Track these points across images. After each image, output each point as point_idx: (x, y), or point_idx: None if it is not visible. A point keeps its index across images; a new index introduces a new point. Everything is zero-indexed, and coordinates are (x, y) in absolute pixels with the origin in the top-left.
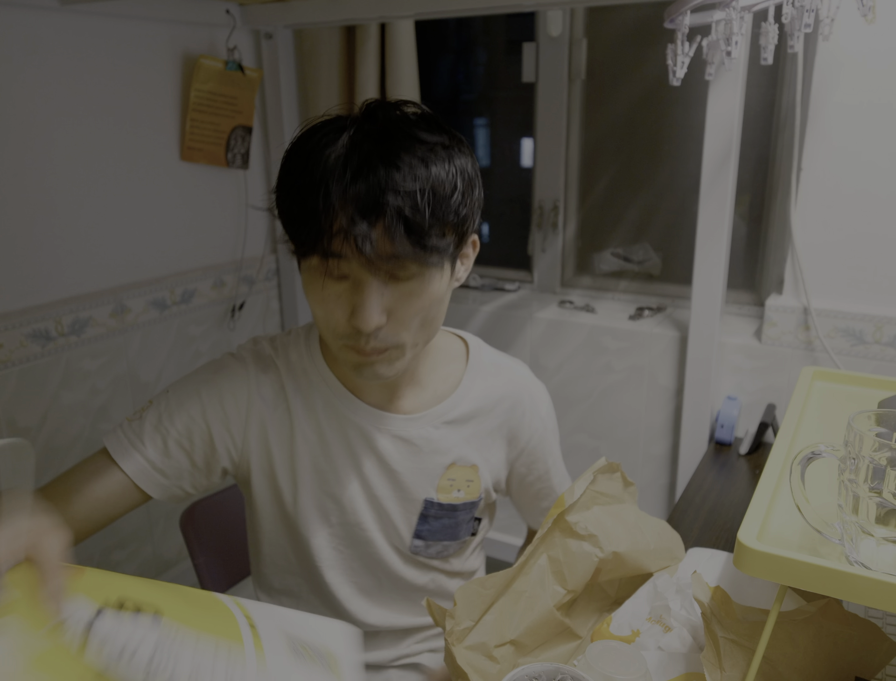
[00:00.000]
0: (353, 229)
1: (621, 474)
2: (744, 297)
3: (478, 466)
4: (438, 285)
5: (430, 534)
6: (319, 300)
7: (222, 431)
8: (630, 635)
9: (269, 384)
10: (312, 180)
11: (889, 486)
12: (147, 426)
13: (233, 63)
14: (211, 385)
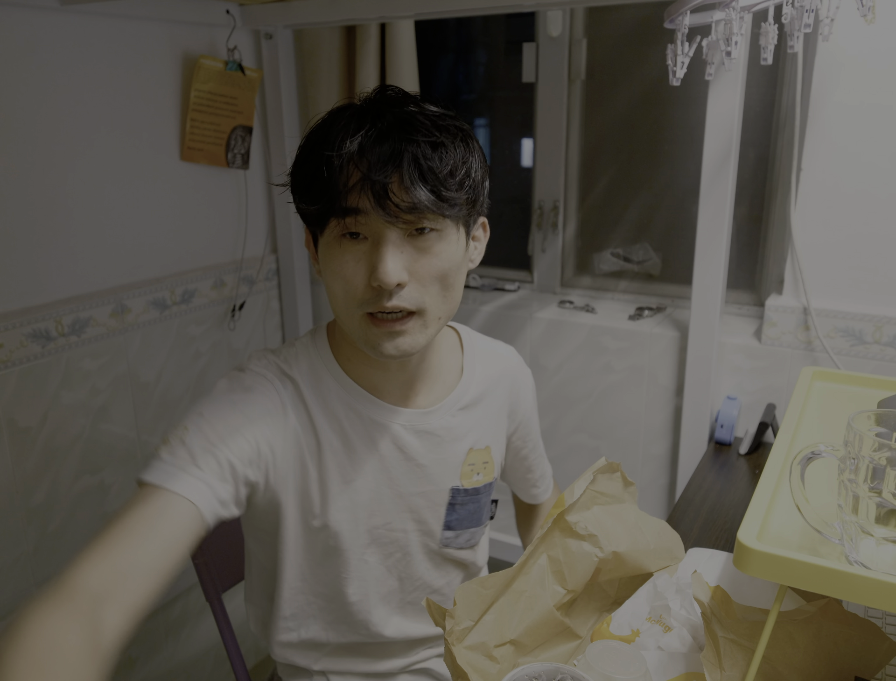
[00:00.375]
0: (371, 177)
1: (621, 474)
2: (744, 297)
3: (490, 447)
4: (455, 248)
5: (458, 522)
6: (339, 266)
7: (267, 450)
8: (630, 634)
9: (293, 399)
10: (327, 142)
11: (889, 486)
12: (197, 450)
13: (233, 63)
14: (250, 403)
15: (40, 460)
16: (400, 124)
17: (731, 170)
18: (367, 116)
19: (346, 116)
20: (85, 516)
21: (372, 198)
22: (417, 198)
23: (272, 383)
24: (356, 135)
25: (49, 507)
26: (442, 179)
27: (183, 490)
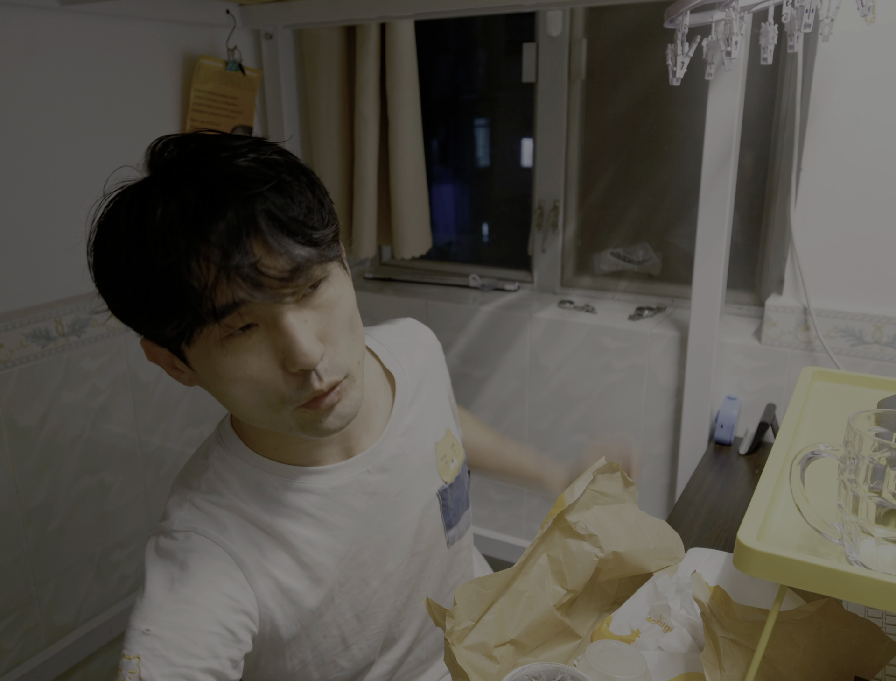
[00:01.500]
0: (231, 263)
1: (621, 474)
2: (744, 297)
3: (449, 428)
4: (347, 287)
5: (455, 516)
6: (238, 371)
7: (239, 623)
8: (630, 634)
9: (237, 530)
10: (151, 248)
11: (889, 486)
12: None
13: (233, 63)
14: (192, 579)
15: (40, 460)
16: (226, 184)
17: (731, 170)
18: (178, 193)
19: (153, 205)
20: (85, 516)
21: (245, 284)
22: (296, 258)
23: (206, 536)
24: (182, 223)
25: (49, 507)
26: (309, 223)
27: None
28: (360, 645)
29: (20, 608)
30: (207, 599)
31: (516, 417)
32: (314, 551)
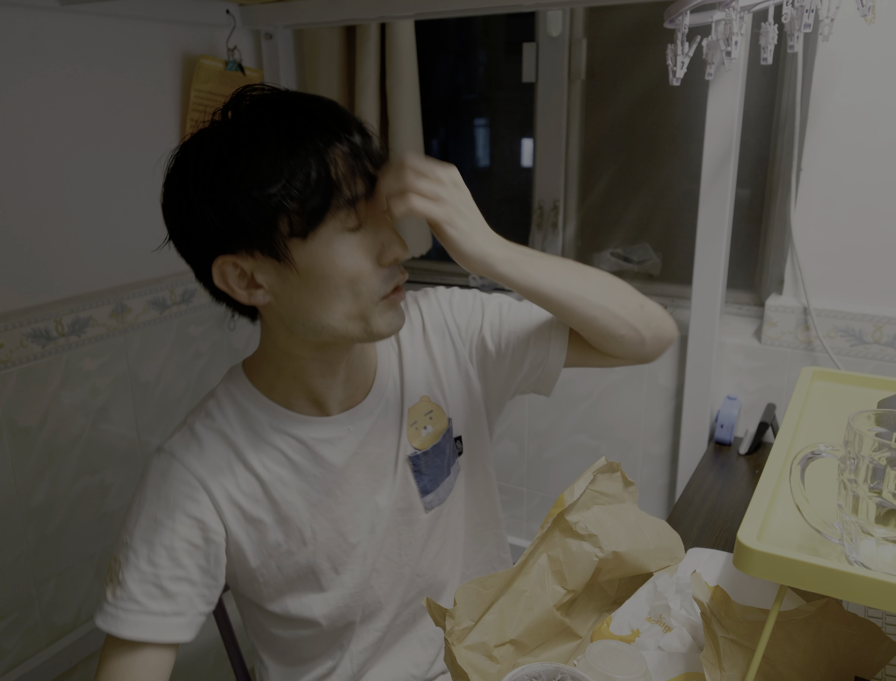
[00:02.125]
0: (361, 162)
1: (621, 474)
2: (744, 297)
3: (426, 395)
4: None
5: (432, 482)
6: (349, 260)
7: (202, 537)
8: (630, 634)
9: (218, 458)
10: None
11: (889, 486)
12: (133, 586)
13: (233, 63)
14: (162, 501)
15: (40, 460)
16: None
17: (731, 170)
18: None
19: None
20: (85, 516)
21: (366, 183)
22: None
23: (180, 461)
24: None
25: (49, 507)
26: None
27: (139, 635)
28: (336, 594)
29: (20, 608)
30: (172, 519)
31: (516, 416)
32: (285, 490)
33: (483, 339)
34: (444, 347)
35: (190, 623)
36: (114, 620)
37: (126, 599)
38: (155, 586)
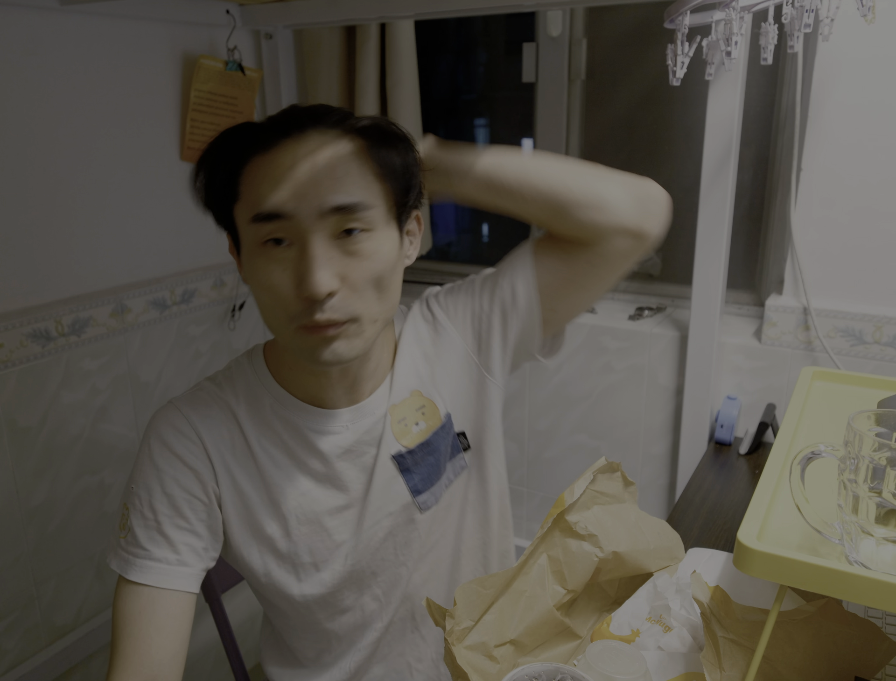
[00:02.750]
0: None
1: (621, 474)
2: (744, 297)
3: (418, 390)
4: (389, 248)
5: (424, 481)
6: (264, 278)
7: (201, 489)
8: (630, 634)
9: (219, 423)
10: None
11: (889, 486)
12: (139, 532)
13: (233, 63)
14: (165, 449)
15: (40, 460)
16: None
17: (731, 170)
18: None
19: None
20: (85, 516)
21: (290, 200)
22: (333, 201)
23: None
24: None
25: (49, 507)
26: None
27: (158, 581)
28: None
29: (20, 608)
30: (173, 467)
31: (516, 416)
32: (277, 472)
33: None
34: (440, 337)
35: (194, 575)
36: (125, 563)
37: (134, 544)
38: (158, 533)
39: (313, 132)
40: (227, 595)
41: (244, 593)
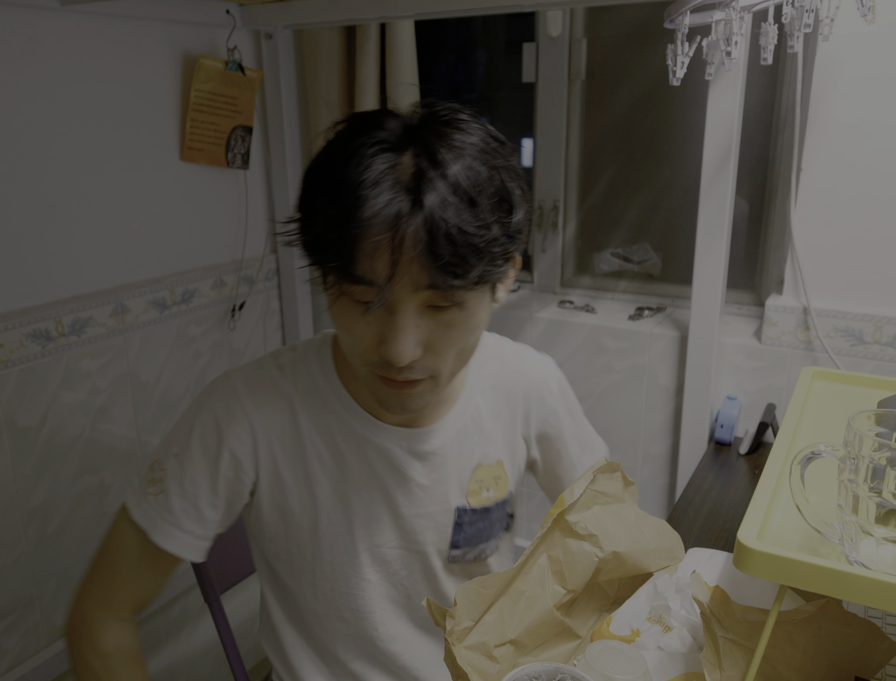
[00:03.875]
0: (381, 256)
1: (621, 474)
2: (744, 297)
3: (502, 461)
4: (480, 316)
5: (466, 541)
6: (347, 324)
7: (236, 476)
8: (630, 634)
9: (274, 411)
10: (343, 198)
11: (889, 486)
12: (174, 500)
13: (233, 63)
14: (215, 430)
15: (40, 460)
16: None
17: (731, 170)
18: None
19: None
20: (85, 516)
21: (385, 272)
22: (438, 280)
23: (238, 397)
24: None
25: (49, 507)
26: (467, 258)
27: (168, 546)
28: (326, 593)
29: (20, 608)
30: (220, 450)
31: None
32: (321, 469)
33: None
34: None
35: (207, 547)
36: (151, 522)
37: (166, 509)
38: (193, 507)
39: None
40: (227, 595)
41: (244, 593)
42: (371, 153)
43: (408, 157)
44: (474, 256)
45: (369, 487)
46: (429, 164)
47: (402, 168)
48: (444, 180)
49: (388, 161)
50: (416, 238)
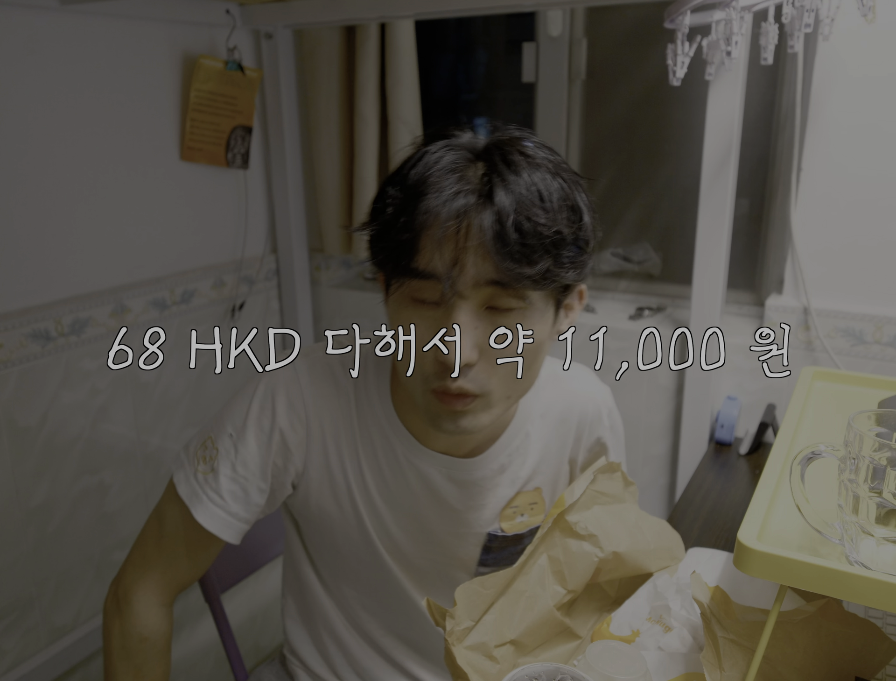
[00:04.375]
0: (446, 246)
1: (622, 474)
2: (744, 297)
3: (542, 488)
4: (541, 328)
5: (495, 561)
6: (406, 328)
7: (284, 464)
8: (630, 635)
9: (334, 409)
10: (408, 195)
11: (889, 486)
12: (223, 482)
13: (233, 63)
14: (271, 416)
15: (40, 460)
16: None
17: (731, 170)
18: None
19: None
20: (85, 516)
21: (447, 264)
22: (499, 274)
23: (300, 388)
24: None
25: (49, 507)
26: (532, 252)
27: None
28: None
29: (20, 608)
30: (272, 437)
31: None
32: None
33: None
34: (585, 453)
35: (244, 531)
36: (196, 499)
37: (214, 489)
38: (242, 490)
39: None
40: (227, 595)
41: (244, 593)
42: (443, 152)
43: (481, 162)
44: (541, 248)
45: (402, 504)
46: (502, 163)
47: (474, 169)
48: (515, 176)
49: (461, 158)
50: (482, 228)
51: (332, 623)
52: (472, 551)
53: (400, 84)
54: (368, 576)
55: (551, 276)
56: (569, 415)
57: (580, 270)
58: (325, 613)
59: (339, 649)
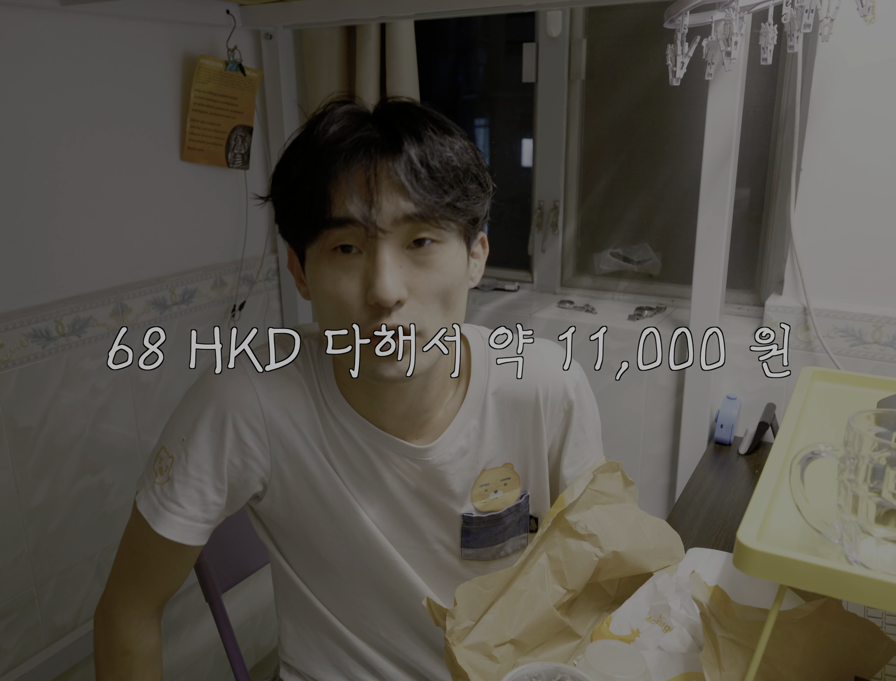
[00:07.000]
0: (359, 191)
1: (621, 474)
2: (744, 297)
3: (512, 463)
4: (458, 263)
5: (479, 542)
6: (331, 286)
7: (243, 462)
8: (630, 634)
9: (289, 400)
10: (312, 152)
11: (888, 486)
12: (178, 488)
13: (233, 63)
14: (224, 415)
15: (40, 460)
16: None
17: (731, 170)
18: (347, 118)
19: (328, 122)
20: (85, 516)
21: (362, 207)
22: (407, 210)
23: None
24: (343, 139)
25: (49, 507)
26: (441, 184)
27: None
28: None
29: (20, 608)
30: (224, 436)
31: None
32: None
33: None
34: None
35: (210, 531)
36: (154, 512)
37: (168, 499)
38: (197, 492)
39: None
40: (227, 595)
41: (244, 593)
42: (342, 112)
43: (377, 115)
44: (451, 180)
45: (378, 490)
46: (398, 111)
47: (372, 121)
48: (411, 120)
49: (358, 112)
50: (394, 168)
51: (336, 631)
52: (452, 534)
53: (400, 84)
54: (362, 573)
55: (463, 206)
56: (525, 395)
57: (483, 204)
58: (326, 623)
59: (347, 653)
